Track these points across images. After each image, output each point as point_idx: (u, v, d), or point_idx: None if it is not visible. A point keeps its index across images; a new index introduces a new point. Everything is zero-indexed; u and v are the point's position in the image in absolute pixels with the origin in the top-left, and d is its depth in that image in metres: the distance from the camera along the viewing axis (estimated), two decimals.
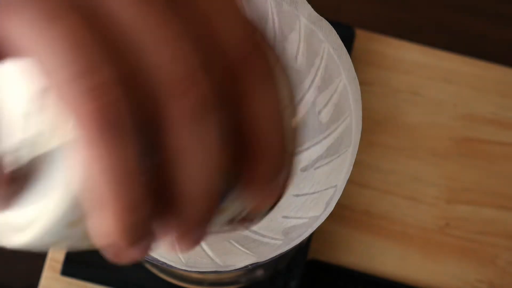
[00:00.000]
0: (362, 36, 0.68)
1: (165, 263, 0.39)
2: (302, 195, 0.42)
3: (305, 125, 0.43)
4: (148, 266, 0.60)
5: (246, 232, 0.41)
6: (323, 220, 0.40)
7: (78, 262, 0.62)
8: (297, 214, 0.41)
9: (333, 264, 0.64)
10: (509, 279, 0.65)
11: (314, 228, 0.40)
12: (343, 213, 0.65)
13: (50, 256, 0.63)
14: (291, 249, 0.41)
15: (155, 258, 0.39)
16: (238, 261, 0.39)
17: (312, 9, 0.42)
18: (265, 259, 0.39)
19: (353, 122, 0.41)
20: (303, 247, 0.62)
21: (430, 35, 1.24)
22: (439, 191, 0.66)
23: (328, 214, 0.40)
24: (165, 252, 0.39)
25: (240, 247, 0.40)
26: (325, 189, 0.41)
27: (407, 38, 0.71)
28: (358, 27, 0.68)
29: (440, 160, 0.67)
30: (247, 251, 0.40)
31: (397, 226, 0.65)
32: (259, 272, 0.59)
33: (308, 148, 0.43)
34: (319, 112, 0.43)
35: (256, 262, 0.39)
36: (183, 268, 0.39)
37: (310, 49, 0.43)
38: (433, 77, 0.68)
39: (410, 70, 0.68)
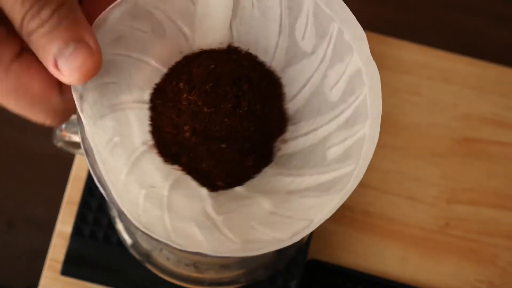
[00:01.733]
0: None
1: (125, 214, 0.38)
2: (277, 214, 0.41)
3: (310, 153, 0.43)
4: (148, 266, 0.60)
5: (210, 224, 0.40)
6: (284, 246, 0.39)
7: (78, 262, 0.62)
8: (265, 229, 0.40)
9: (333, 264, 0.64)
10: (509, 279, 0.65)
11: (273, 249, 0.39)
12: (343, 213, 0.65)
13: (50, 256, 0.63)
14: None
15: (118, 206, 0.38)
16: (191, 244, 0.38)
17: (368, 49, 0.41)
18: (216, 255, 0.38)
19: (356, 171, 0.41)
20: (303, 247, 0.62)
21: (430, 35, 1.24)
22: (439, 191, 0.66)
23: (292, 243, 0.39)
24: (129, 205, 0.39)
25: (199, 233, 0.39)
26: (301, 219, 0.40)
27: (407, 38, 0.71)
28: None
29: (440, 160, 0.67)
30: (204, 240, 0.39)
31: (397, 226, 0.65)
32: (259, 272, 0.59)
33: (303, 175, 0.42)
34: (329, 148, 0.42)
35: (206, 254, 0.38)
36: (138, 226, 0.38)
37: (350, 87, 0.42)
38: (433, 77, 0.68)
39: (410, 70, 0.68)
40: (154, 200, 0.40)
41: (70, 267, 0.62)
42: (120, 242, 0.61)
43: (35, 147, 1.19)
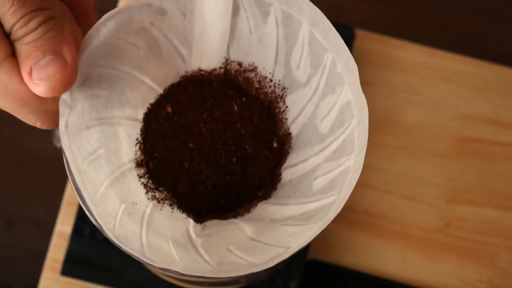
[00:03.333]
0: (362, 36, 0.68)
1: (100, 225, 0.39)
2: (256, 240, 0.41)
3: (297, 183, 0.43)
4: (148, 266, 0.60)
5: (187, 244, 0.41)
6: (257, 271, 0.40)
7: (78, 262, 0.62)
8: (241, 254, 0.40)
9: (333, 264, 0.64)
10: (509, 279, 0.65)
11: (245, 273, 0.39)
12: (343, 213, 0.65)
13: (50, 256, 0.63)
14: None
15: (94, 217, 0.39)
16: (163, 261, 0.39)
17: (359, 82, 0.41)
18: (187, 274, 0.39)
19: (336, 202, 0.41)
20: (303, 247, 0.62)
21: (430, 35, 1.24)
22: (439, 191, 0.66)
23: (264, 268, 0.40)
24: (106, 217, 0.39)
25: (173, 251, 0.40)
26: (278, 246, 0.41)
27: (407, 38, 0.71)
28: (358, 27, 0.68)
29: (440, 160, 0.67)
30: (177, 258, 0.39)
31: (397, 226, 0.65)
32: (259, 272, 0.59)
33: (287, 205, 0.42)
34: (315, 178, 0.42)
35: (178, 272, 0.39)
36: (112, 238, 0.39)
37: (339, 118, 0.42)
38: (433, 77, 0.68)
39: (410, 70, 0.68)
40: (133, 215, 0.41)
41: (70, 267, 0.62)
42: None
43: (35, 147, 1.19)
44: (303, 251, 0.62)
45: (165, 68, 0.43)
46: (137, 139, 0.42)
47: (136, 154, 0.42)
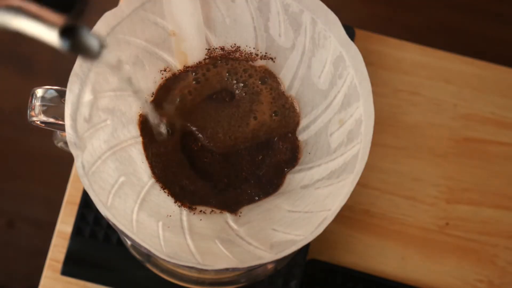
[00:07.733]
0: (362, 36, 0.68)
1: (147, 249, 0.39)
2: (296, 211, 0.42)
3: (315, 144, 0.43)
4: (148, 266, 0.60)
5: (233, 237, 0.41)
6: (309, 241, 0.40)
7: (78, 262, 0.62)
8: (286, 229, 0.41)
9: (333, 264, 0.64)
10: (509, 278, 0.65)
11: (299, 247, 0.39)
12: (343, 213, 0.65)
13: (50, 256, 0.63)
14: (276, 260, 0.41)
15: (138, 243, 0.39)
16: (218, 262, 0.39)
17: (344, 32, 0.42)
18: (245, 266, 0.39)
19: (360, 151, 0.41)
20: (303, 247, 0.62)
21: (430, 35, 1.24)
22: (439, 191, 0.66)
23: (316, 236, 0.40)
24: (149, 239, 0.40)
25: (223, 249, 0.40)
26: (319, 211, 0.41)
27: (407, 38, 0.71)
28: (358, 27, 0.68)
29: (440, 160, 0.67)
30: (229, 255, 0.40)
31: (397, 226, 0.65)
32: (259, 272, 0.59)
33: (312, 168, 0.43)
34: (331, 135, 0.43)
35: (236, 267, 0.39)
36: (163, 257, 0.39)
37: (336, 71, 0.43)
38: (433, 77, 0.68)
39: (410, 70, 0.68)
40: (174, 227, 0.41)
41: (70, 267, 0.62)
42: (120, 242, 0.61)
43: (35, 147, 1.19)
44: (303, 251, 0.62)
45: (153, 76, 0.44)
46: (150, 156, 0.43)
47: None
